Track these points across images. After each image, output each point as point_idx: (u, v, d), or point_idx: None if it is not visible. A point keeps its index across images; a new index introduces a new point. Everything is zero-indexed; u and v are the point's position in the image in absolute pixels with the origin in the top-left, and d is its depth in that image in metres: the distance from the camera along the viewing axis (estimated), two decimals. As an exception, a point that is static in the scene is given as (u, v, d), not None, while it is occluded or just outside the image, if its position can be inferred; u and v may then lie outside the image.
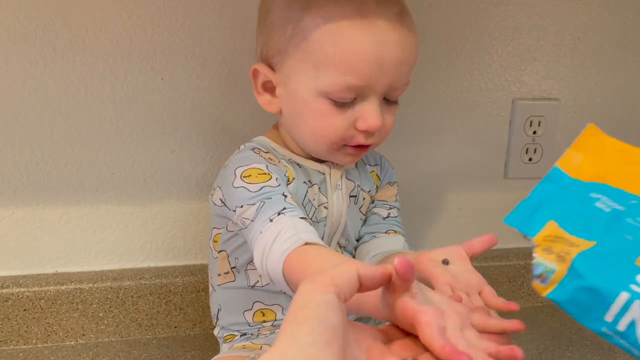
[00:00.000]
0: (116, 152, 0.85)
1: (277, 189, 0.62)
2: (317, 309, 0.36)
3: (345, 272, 0.39)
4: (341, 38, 0.60)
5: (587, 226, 0.45)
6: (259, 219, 0.60)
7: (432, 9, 0.89)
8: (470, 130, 0.95)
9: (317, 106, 0.63)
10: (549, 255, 0.44)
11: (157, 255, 0.90)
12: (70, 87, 0.81)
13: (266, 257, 0.58)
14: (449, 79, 0.92)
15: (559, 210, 0.47)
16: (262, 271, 0.59)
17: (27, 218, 0.85)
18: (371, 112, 0.63)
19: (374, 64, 0.61)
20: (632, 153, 0.50)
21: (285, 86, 0.66)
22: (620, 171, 0.49)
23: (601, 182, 0.48)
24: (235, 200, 0.63)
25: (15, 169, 0.82)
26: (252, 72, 0.68)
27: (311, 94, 0.63)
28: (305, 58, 0.63)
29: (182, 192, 0.88)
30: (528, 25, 0.92)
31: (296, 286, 0.52)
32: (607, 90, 0.98)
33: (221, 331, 0.74)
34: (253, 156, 0.66)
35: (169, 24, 0.82)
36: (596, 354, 0.85)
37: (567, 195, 0.48)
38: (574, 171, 0.50)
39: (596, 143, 0.51)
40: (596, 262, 0.41)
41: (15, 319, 0.83)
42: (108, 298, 0.85)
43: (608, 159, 0.50)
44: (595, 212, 0.45)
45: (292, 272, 0.55)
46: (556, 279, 0.43)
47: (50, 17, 0.78)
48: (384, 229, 0.74)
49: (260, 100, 0.69)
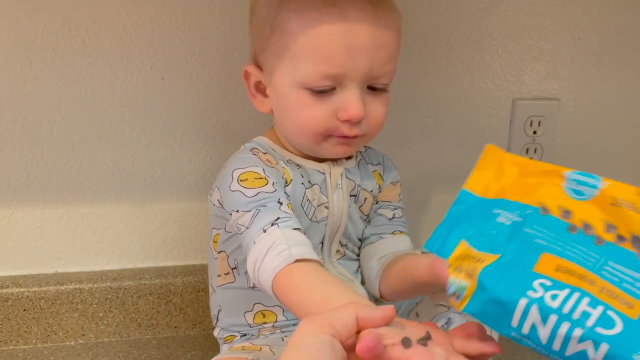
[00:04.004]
0: (116, 152, 0.85)
1: (273, 195, 0.63)
2: (308, 349, 0.38)
3: (345, 316, 0.41)
4: (312, 28, 0.62)
5: (491, 241, 0.48)
6: (253, 228, 0.61)
7: (432, 9, 0.89)
8: (470, 130, 0.95)
9: (296, 98, 0.64)
10: (459, 274, 0.47)
11: (157, 255, 0.90)
12: (70, 87, 0.81)
13: (258, 270, 0.59)
14: (449, 79, 0.92)
15: (468, 229, 0.50)
16: (254, 282, 0.61)
17: (27, 218, 0.85)
18: (351, 102, 0.63)
19: (345, 51, 0.62)
20: (527, 165, 0.53)
21: (271, 84, 0.67)
22: (517, 184, 0.51)
23: (502, 197, 0.51)
24: (231, 204, 0.64)
25: (15, 169, 0.82)
26: (244, 74, 0.69)
27: (290, 87, 0.64)
28: (283, 53, 0.64)
29: (182, 192, 0.88)
30: (528, 25, 0.92)
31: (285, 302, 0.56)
32: (607, 90, 0.98)
33: (221, 332, 0.74)
34: (251, 158, 0.66)
35: (169, 24, 0.82)
36: (596, 354, 0.85)
37: (475, 214, 0.51)
38: (480, 190, 0.53)
39: (496, 161, 0.54)
40: (498, 274, 0.44)
41: (15, 319, 0.83)
42: (108, 298, 0.85)
43: (507, 175, 0.53)
44: (498, 227, 0.49)
45: (280, 290, 0.56)
46: (468, 295, 0.45)
47: (50, 17, 0.78)
48: (390, 230, 0.74)
49: (254, 101, 0.70)
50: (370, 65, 0.63)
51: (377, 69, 0.64)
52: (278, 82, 0.66)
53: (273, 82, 0.67)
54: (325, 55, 0.62)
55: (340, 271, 0.71)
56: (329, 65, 0.62)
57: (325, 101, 0.64)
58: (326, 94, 0.64)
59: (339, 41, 0.62)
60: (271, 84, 0.67)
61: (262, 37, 0.66)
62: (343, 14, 0.62)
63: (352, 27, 0.62)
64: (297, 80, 0.64)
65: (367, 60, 0.63)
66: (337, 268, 0.71)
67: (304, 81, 0.63)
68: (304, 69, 0.63)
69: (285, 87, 0.65)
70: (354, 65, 0.62)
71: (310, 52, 0.62)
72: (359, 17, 0.62)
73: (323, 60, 0.62)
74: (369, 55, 0.63)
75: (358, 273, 0.74)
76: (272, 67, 0.66)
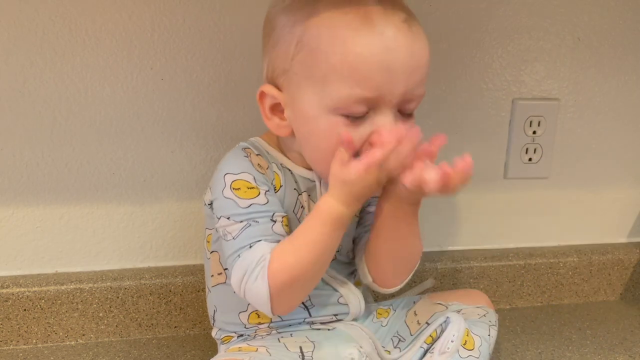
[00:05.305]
0: (116, 152, 0.85)
1: (265, 207, 0.63)
2: None
3: None
4: (346, 46, 0.57)
5: None
6: (240, 240, 0.62)
7: (432, 9, 0.89)
8: (470, 130, 0.95)
9: (326, 124, 0.60)
10: None
11: (157, 255, 0.90)
12: (70, 87, 0.81)
13: (245, 283, 0.61)
14: (449, 79, 0.92)
15: None
16: (239, 293, 0.62)
17: (27, 218, 0.85)
18: (386, 126, 0.59)
19: (384, 72, 0.58)
20: None
21: (293, 106, 0.63)
22: None
23: None
24: (222, 210, 0.64)
25: (15, 169, 0.82)
26: (259, 95, 0.65)
27: (319, 111, 0.60)
28: (311, 73, 0.60)
29: (182, 192, 0.88)
30: (528, 25, 0.92)
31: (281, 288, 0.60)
32: (607, 90, 0.98)
33: (218, 332, 0.74)
34: (243, 162, 0.65)
35: (169, 24, 0.82)
36: (596, 353, 0.85)
37: None
38: None
39: None
40: None
41: (15, 319, 0.83)
42: (108, 298, 0.85)
43: None
44: None
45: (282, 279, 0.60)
46: None
47: (50, 17, 0.78)
48: None
49: (270, 124, 0.66)
50: (406, 89, 0.60)
51: (410, 92, 0.60)
52: (302, 105, 0.61)
53: (296, 105, 0.62)
54: (362, 76, 0.58)
55: (332, 274, 0.71)
56: (365, 87, 0.58)
57: (358, 128, 0.60)
58: (359, 120, 0.60)
59: (379, 61, 0.57)
60: (294, 106, 0.63)
61: (284, 56, 0.61)
62: (381, 33, 0.58)
63: (390, 47, 0.58)
64: (328, 105, 0.59)
65: (406, 82, 0.59)
66: (329, 272, 0.70)
67: (337, 106, 0.59)
68: (337, 91, 0.58)
69: (313, 110, 0.61)
70: (390, 88, 0.58)
71: (344, 73, 0.58)
72: (397, 37, 0.58)
73: (359, 82, 0.58)
74: (406, 77, 0.59)
75: (352, 276, 0.74)
76: (295, 88, 0.62)
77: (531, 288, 0.99)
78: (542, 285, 0.99)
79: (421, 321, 0.71)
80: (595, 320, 0.95)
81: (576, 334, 0.90)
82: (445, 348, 0.66)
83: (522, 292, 0.99)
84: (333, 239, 0.62)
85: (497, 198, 0.99)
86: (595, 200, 1.02)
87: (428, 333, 0.68)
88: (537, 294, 0.99)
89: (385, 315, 0.75)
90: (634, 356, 0.84)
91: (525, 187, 0.99)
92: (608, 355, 0.84)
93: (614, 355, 0.84)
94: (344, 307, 0.71)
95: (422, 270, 0.94)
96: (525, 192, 0.99)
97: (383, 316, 0.75)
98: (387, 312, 0.75)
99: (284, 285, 0.60)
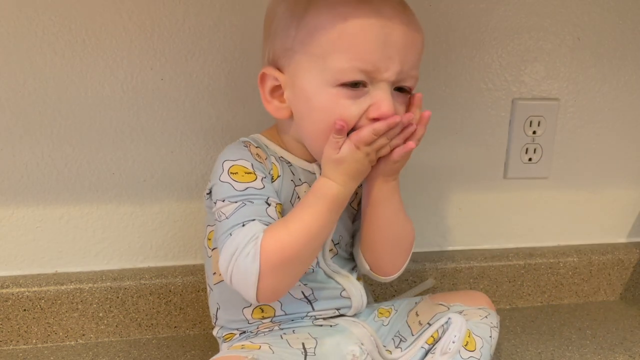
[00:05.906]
0: (116, 152, 0.85)
1: (261, 192, 0.64)
2: None
3: None
4: (346, 22, 0.61)
5: None
6: (233, 219, 0.62)
7: (432, 9, 0.89)
8: (470, 130, 0.95)
9: (327, 97, 0.63)
10: None
11: (157, 255, 0.90)
12: (70, 87, 0.81)
13: (235, 260, 0.60)
14: (449, 79, 0.92)
15: None
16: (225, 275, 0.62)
17: (27, 218, 0.85)
18: (383, 100, 0.62)
19: (381, 45, 0.61)
20: None
21: (294, 86, 0.65)
22: None
23: None
24: (219, 194, 0.65)
25: (15, 169, 0.82)
26: (260, 77, 0.67)
27: (320, 86, 0.63)
28: (312, 51, 0.62)
29: (182, 192, 0.88)
30: (528, 25, 0.92)
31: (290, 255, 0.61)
32: (606, 91, 0.98)
33: (220, 330, 0.74)
34: (241, 151, 0.66)
35: (169, 24, 0.82)
36: (596, 353, 0.85)
37: None
38: None
39: None
40: None
41: (15, 319, 0.83)
42: (108, 298, 0.85)
43: None
44: None
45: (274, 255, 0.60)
46: None
47: (50, 17, 0.78)
48: None
49: (269, 107, 0.67)
50: (402, 66, 0.62)
51: (406, 71, 0.63)
52: (303, 82, 0.64)
53: (297, 83, 0.64)
54: (360, 50, 0.61)
55: (334, 269, 0.71)
56: (364, 61, 0.61)
57: (358, 100, 0.62)
58: (359, 91, 0.62)
59: (375, 37, 0.61)
60: (294, 85, 0.65)
61: (285, 38, 0.64)
62: (378, 10, 0.61)
63: (387, 24, 0.61)
64: (328, 79, 0.62)
65: (400, 59, 0.62)
66: (331, 266, 0.71)
67: (336, 77, 0.62)
68: (337, 64, 0.61)
69: (313, 86, 0.63)
70: (387, 63, 0.61)
71: (343, 47, 0.61)
72: (393, 15, 0.62)
73: (357, 56, 0.61)
74: (402, 54, 0.62)
75: (354, 271, 0.74)
76: (296, 67, 0.64)
77: (531, 288, 0.99)
78: (542, 285, 0.99)
79: (423, 321, 0.71)
80: (595, 320, 0.95)
81: (576, 334, 0.90)
82: (447, 349, 0.66)
83: (522, 292, 0.99)
84: (328, 221, 0.63)
85: (497, 198, 0.99)
86: (595, 200, 1.02)
87: (430, 333, 0.69)
88: (537, 294, 0.99)
89: (387, 314, 0.75)
90: (634, 356, 0.84)
91: (525, 187, 0.99)
92: (608, 355, 0.84)
93: (614, 355, 0.84)
94: (347, 301, 0.71)
95: (422, 270, 0.94)
96: (525, 192, 0.99)
97: (384, 316, 0.75)
98: (389, 312, 0.76)
99: (276, 264, 0.60)
